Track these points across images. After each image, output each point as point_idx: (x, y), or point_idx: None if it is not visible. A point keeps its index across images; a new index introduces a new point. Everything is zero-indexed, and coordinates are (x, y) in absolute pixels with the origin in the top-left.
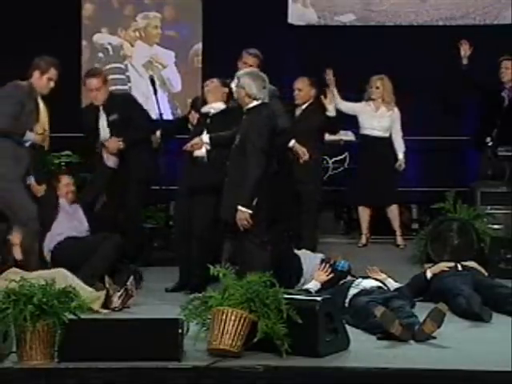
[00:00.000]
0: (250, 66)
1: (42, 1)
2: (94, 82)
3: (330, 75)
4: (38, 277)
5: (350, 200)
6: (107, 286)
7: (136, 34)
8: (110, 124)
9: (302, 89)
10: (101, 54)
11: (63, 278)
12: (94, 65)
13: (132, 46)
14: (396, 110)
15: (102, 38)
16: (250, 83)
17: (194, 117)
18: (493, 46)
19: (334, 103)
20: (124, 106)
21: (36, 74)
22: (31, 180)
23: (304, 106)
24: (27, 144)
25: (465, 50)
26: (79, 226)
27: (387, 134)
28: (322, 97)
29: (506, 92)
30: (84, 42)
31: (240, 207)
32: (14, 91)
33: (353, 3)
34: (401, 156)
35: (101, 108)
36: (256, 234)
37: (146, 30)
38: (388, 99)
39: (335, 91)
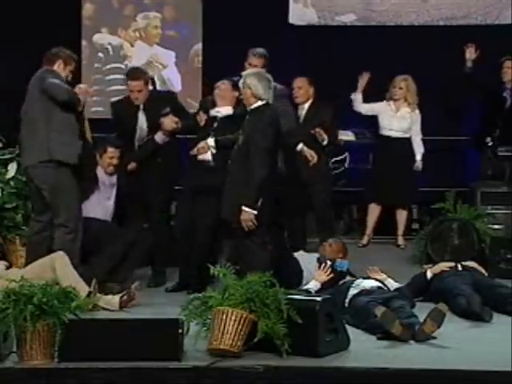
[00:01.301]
0: (255, 66)
1: (42, 1)
2: (135, 85)
3: (364, 79)
4: (39, 265)
5: (364, 197)
6: (91, 289)
7: (136, 34)
8: (150, 122)
9: (302, 87)
10: (101, 54)
11: (62, 260)
12: (93, 65)
13: (132, 46)
14: (417, 111)
15: (102, 38)
16: (256, 84)
17: (201, 118)
18: (494, 46)
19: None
20: (169, 103)
21: (60, 63)
22: None
23: (307, 106)
24: None
25: (470, 53)
26: (105, 207)
27: (407, 135)
28: (317, 130)
29: (507, 92)
30: (84, 42)
31: (244, 208)
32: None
33: (353, 3)
34: (419, 157)
35: (141, 107)
36: (257, 234)
37: (146, 30)
38: (411, 100)
39: (360, 95)
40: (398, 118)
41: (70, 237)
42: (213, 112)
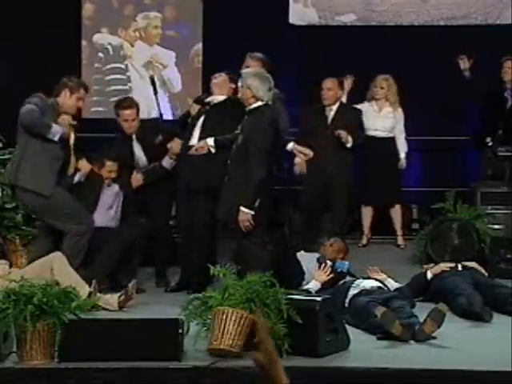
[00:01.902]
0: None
1: (42, 1)
2: (129, 114)
3: (349, 81)
4: (39, 265)
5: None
6: (91, 289)
7: (136, 34)
8: (146, 150)
9: (332, 89)
10: (101, 54)
11: (60, 260)
12: (93, 65)
13: (132, 46)
14: (400, 110)
15: (102, 38)
16: (257, 85)
17: (194, 108)
18: (494, 46)
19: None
20: (157, 131)
21: (66, 92)
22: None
23: (335, 107)
24: None
25: (464, 63)
26: (108, 215)
27: (391, 134)
28: (339, 132)
29: (508, 93)
30: (84, 42)
31: (242, 208)
32: (43, 102)
33: (354, 3)
34: (402, 155)
35: (134, 137)
36: (256, 234)
37: (147, 30)
38: (392, 99)
39: (343, 98)
40: (382, 117)
41: (74, 239)
42: (208, 99)
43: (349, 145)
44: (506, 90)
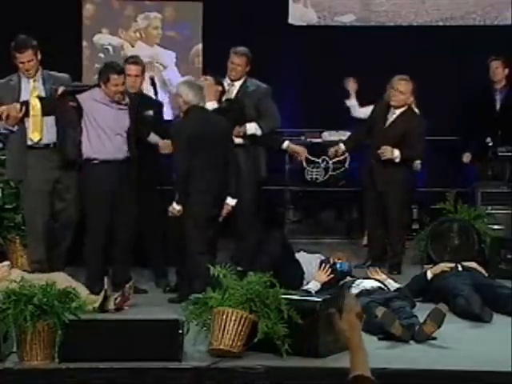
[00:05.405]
0: (238, 65)
1: (42, 1)
2: (135, 69)
3: (351, 84)
4: (39, 279)
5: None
6: (105, 287)
7: (136, 34)
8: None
9: (405, 92)
10: (101, 55)
11: (64, 280)
12: (94, 65)
13: (132, 46)
14: (415, 110)
15: (103, 38)
16: (186, 91)
17: None
18: (493, 46)
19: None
20: (152, 107)
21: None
22: None
23: (398, 112)
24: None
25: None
26: (113, 146)
27: None
28: (379, 152)
29: (498, 94)
30: (84, 43)
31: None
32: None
33: (353, 3)
34: None
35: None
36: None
37: (147, 31)
38: (408, 101)
39: (354, 101)
40: None
41: None
42: None
43: (397, 160)
44: (496, 90)
